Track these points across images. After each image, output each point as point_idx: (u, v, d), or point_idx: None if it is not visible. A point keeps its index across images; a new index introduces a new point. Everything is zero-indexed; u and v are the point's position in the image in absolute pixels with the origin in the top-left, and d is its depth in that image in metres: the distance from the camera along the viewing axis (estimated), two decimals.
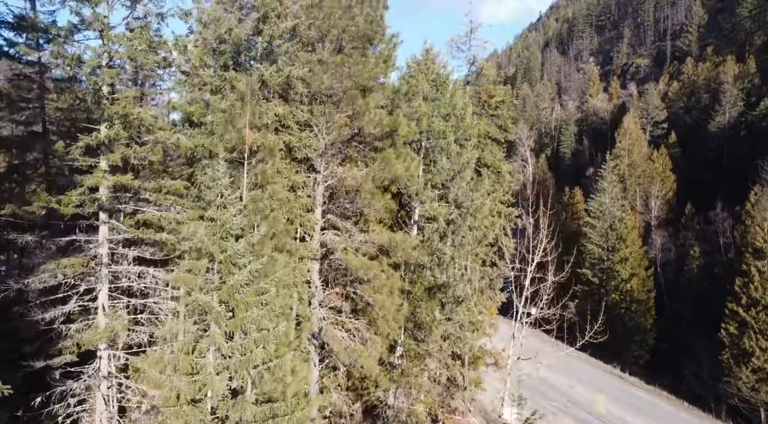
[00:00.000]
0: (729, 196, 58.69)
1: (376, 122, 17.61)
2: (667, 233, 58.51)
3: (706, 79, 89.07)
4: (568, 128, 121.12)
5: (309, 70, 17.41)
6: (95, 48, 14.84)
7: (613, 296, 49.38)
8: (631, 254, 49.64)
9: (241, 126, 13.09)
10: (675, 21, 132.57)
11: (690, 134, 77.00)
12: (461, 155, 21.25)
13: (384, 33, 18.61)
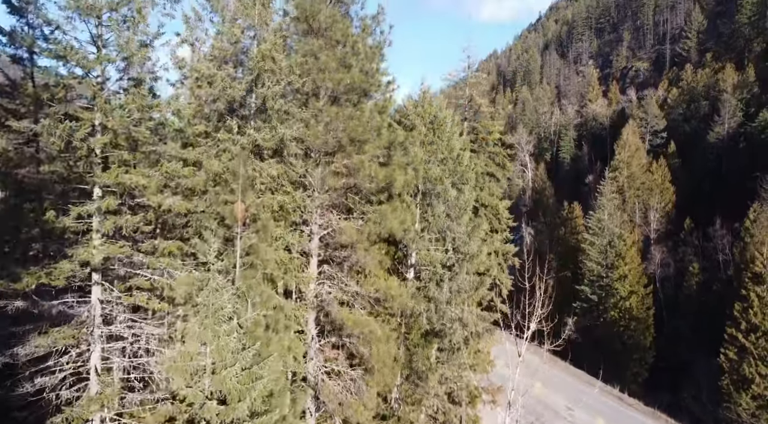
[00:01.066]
0: (728, 210, 58.55)
1: (372, 178, 17.49)
2: (666, 247, 58.43)
3: (705, 85, 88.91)
4: (567, 133, 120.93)
5: (304, 124, 17.30)
6: (87, 116, 14.71)
7: (612, 314, 49.37)
8: (630, 271, 49.56)
9: (233, 201, 12.97)
10: (674, 25, 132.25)
11: (689, 144, 76.82)
12: (458, 200, 21.12)
13: (380, 84, 18.45)
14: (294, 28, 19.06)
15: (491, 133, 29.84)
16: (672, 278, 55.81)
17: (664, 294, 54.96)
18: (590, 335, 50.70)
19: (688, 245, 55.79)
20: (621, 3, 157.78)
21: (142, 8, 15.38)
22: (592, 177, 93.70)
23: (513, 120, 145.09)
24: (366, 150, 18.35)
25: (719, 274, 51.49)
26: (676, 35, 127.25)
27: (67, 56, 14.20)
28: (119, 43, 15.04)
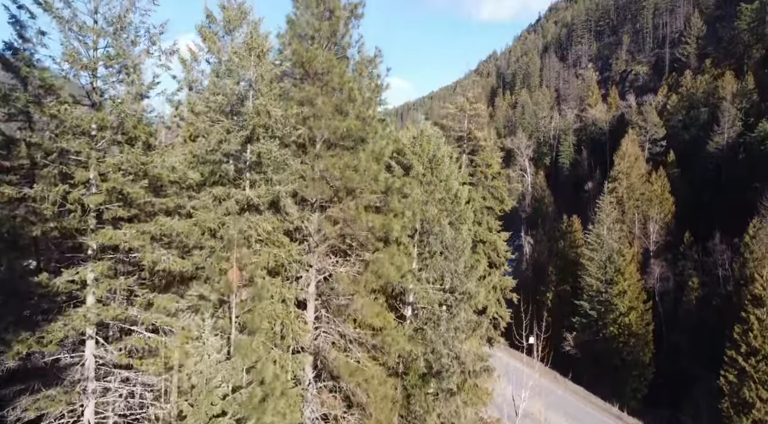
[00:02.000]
0: (727, 222, 58.40)
1: (369, 227, 17.36)
2: (666, 261, 58.32)
3: (704, 92, 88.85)
4: (567, 138, 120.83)
5: (300, 175, 17.18)
6: (81, 175, 14.59)
7: (611, 329, 49.25)
8: (629, 287, 49.44)
9: (228, 269, 12.86)
10: (674, 28, 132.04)
11: (688, 153, 76.73)
12: (456, 240, 21.00)
13: (377, 131, 18.31)
14: (291, 71, 18.95)
15: (490, 166, 29.68)
16: (671, 292, 55.71)
17: (664, 309, 54.88)
18: (590, 350, 50.64)
19: (687, 259, 55.66)
20: (620, 5, 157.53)
21: (138, 64, 15.28)
22: (591, 184, 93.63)
23: (512, 123, 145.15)
24: (362, 198, 18.25)
25: (719, 289, 51.38)
26: (676, 39, 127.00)
27: (60, 116, 14.08)
28: (113, 99, 14.94)
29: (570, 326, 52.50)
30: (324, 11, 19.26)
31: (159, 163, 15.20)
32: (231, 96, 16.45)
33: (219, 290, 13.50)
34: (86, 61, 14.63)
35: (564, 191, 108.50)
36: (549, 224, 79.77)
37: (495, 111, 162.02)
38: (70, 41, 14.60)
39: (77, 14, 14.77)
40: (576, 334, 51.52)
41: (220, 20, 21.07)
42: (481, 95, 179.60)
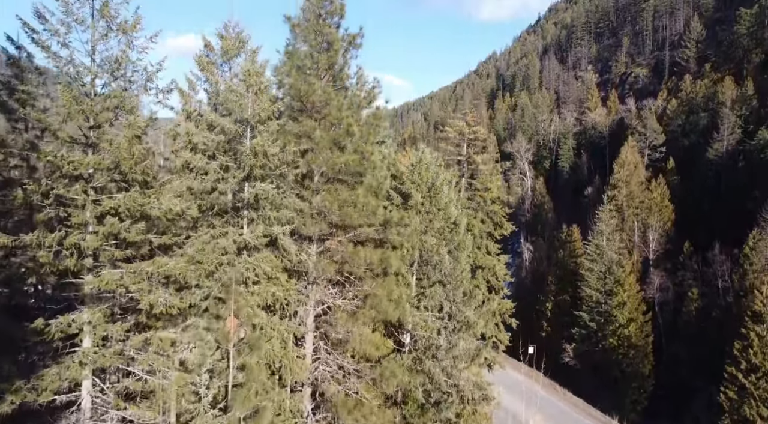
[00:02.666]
0: (727, 231, 58.40)
1: (367, 264, 17.30)
2: (665, 271, 58.24)
3: (704, 97, 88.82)
4: (566, 141, 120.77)
5: (298, 212, 17.11)
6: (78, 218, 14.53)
7: (611, 341, 49.18)
8: (629, 298, 49.37)
9: (225, 316, 12.79)
10: (673, 31, 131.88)
11: (688, 159, 76.69)
12: (455, 269, 20.94)
13: (375, 166, 18.23)
14: (289, 103, 18.85)
15: (489, 190, 29.59)
16: (671, 302, 55.66)
17: (663, 319, 54.85)
18: (589, 361, 50.60)
19: (687, 269, 55.59)
20: (620, 7, 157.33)
21: (134, 106, 15.21)
22: (591, 189, 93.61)
23: (512, 126, 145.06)
24: (360, 233, 18.20)
25: (718, 300, 51.30)
26: (675, 42, 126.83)
27: (56, 162, 14.01)
28: (110, 141, 14.86)
29: (569, 337, 52.47)
30: (322, 43, 19.19)
31: (157, 205, 15.13)
32: (228, 134, 16.36)
33: (216, 339, 13.42)
34: (83, 102, 14.55)
35: (563, 196, 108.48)
36: (548, 230, 79.77)
37: (495, 113, 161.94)
38: (67, 83, 14.53)
39: (74, 56, 14.71)
40: (575, 345, 51.48)
41: (217, 49, 21.03)
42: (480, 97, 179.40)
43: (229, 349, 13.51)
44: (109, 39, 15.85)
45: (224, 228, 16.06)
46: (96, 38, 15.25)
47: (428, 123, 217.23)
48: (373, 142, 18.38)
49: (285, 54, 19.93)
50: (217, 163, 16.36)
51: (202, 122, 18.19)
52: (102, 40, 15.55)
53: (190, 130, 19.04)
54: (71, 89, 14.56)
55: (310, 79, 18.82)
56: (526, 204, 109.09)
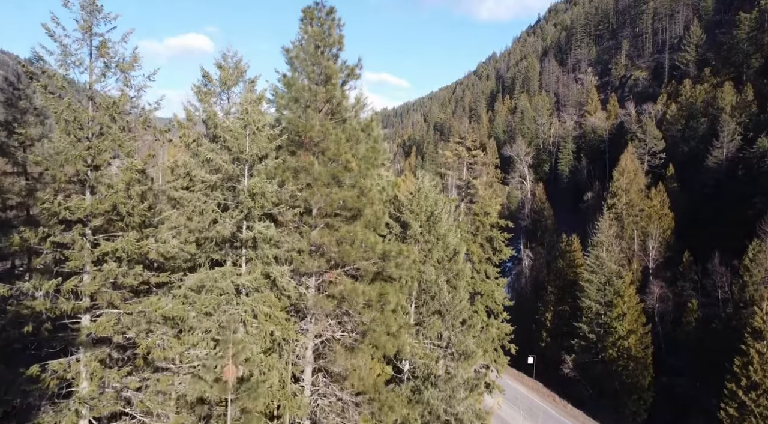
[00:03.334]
0: (727, 239, 58.43)
1: (366, 301, 17.26)
2: (665, 280, 58.17)
3: (704, 101, 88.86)
4: (566, 145, 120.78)
5: (297, 251, 17.06)
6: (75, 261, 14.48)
7: (611, 352, 49.14)
8: (629, 310, 49.31)
9: (223, 364, 12.75)
10: (673, 34, 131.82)
11: (688, 166, 76.69)
12: (454, 299, 20.89)
13: (373, 201, 18.17)
14: (287, 136, 18.78)
15: (488, 215, 29.53)
16: (671, 313, 55.63)
17: (663, 330, 54.83)
18: (589, 372, 50.58)
19: (686, 279, 55.57)
20: (620, 9, 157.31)
21: (132, 150, 15.15)
22: (591, 194, 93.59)
23: (512, 129, 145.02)
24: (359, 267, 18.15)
25: (718, 311, 51.27)
26: (675, 45, 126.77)
27: (53, 209, 13.95)
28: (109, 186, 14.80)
29: (569, 348, 52.42)
30: (320, 75, 19.13)
31: (155, 247, 15.09)
32: (226, 173, 16.31)
33: (213, 389, 13.38)
34: (81, 145, 14.50)
35: (563, 200, 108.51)
36: (548, 236, 79.71)
37: (494, 115, 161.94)
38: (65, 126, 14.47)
39: (73, 99, 14.65)
40: (575, 356, 51.44)
41: (216, 79, 20.98)
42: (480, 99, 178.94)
43: (227, 396, 13.47)
44: (107, 78, 15.83)
45: (222, 267, 16.00)
46: (94, 80, 15.19)
47: (428, 124, 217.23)
48: (371, 176, 18.32)
49: (284, 84, 19.88)
50: (215, 202, 16.31)
51: (200, 154, 18.11)
52: (100, 80, 15.50)
53: (189, 163, 19.00)
54: (69, 132, 14.51)
55: (308, 113, 18.77)
56: (525, 208, 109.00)
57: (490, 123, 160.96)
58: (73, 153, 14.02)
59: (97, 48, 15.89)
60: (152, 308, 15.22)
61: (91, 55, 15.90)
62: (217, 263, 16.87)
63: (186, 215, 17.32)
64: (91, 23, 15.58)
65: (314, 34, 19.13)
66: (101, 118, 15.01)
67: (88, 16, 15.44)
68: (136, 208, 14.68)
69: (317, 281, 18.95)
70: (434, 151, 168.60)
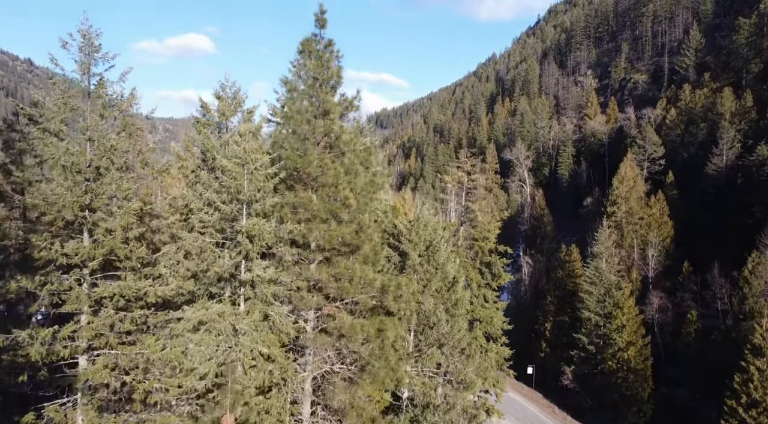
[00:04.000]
0: (727, 248, 58.47)
1: (365, 338, 17.24)
2: (665, 291, 58.16)
3: (703, 107, 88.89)
4: (566, 149, 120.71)
5: (296, 288, 17.05)
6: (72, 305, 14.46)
7: (610, 364, 49.13)
8: (628, 322, 49.30)
9: (221, 413, 12.73)
10: (673, 37, 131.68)
11: (687, 172, 76.66)
12: (453, 328, 20.88)
13: (372, 238, 18.14)
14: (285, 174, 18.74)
15: (487, 240, 29.50)
16: (670, 323, 55.63)
17: (663, 341, 54.84)
18: (589, 384, 50.56)
19: (686, 290, 55.57)
20: (619, 12, 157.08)
21: (129, 194, 15.11)
22: (590, 200, 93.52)
23: (511, 131, 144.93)
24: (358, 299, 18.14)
25: (718, 322, 51.28)
26: (675, 48, 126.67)
27: (49, 255, 13.93)
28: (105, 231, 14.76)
29: (568, 359, 52.39)
30: (318, 108, 19.10)
31: (153, 290, 15.05)
32: (224, 213, 16.29)
33: None
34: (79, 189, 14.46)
35: (563, 205, 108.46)
36: (548, 243, 79.72)
37: (494, 118, 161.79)
38: (62, 173, 14.44)
39: (70, 148, 14.60)
40: (574, 367, 51.42)
41: (214, 110, 20.96)
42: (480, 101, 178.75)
43: None
44: (105, 120, 15.79)
45: (220, 306, 15.97)
46: (92, 123, 15.14)
47: (428, 126, 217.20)
48: (370, 210, 18.30)
49: (282, 117, 19.85)
50: (213, 241, 16.29)
51: (198, 191, 18.07)
52: (98, 121, 15.44)
53: (187, 196, 18.97)
54: (67, 177, 14.47)
55: (307, 146, 18.75)
56: (525, 212, 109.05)
57: (489, 125, 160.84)
58: (71, 200, 13.98)
59: (95, 88, 15.89)
60: (150, 350, 15.19)
61: (89, 95, 15.88)
62: (215, 296, 16.84)
63: (184, 249, 17.30)
64: (89, 64, 15.56)
65: (313, 67, 19.09)
66: (99, 161, 14.98)
67: (86, 58, 15.41)
68: (134, 252, 14.63)
69: (316, 314, 18.94)
70: (434, 154, 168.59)
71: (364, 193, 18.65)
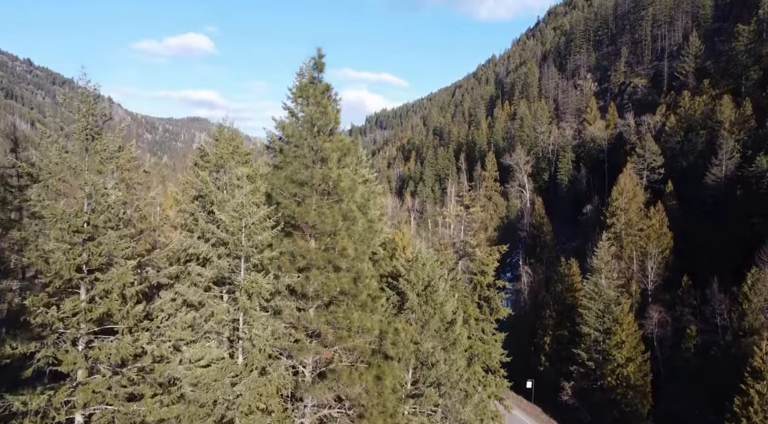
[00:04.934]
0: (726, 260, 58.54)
1: (364, 387, 17.27)
2: (664, 304, 58.17)
3: (702, 114, 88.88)
4: (565, 155, 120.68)
5: (294, 340, 17.07)
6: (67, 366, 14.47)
7: (609, 380, 49.15)
8: (628, 338, 49.32)
9: None
10: (672, 41, 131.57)
11: (687, 181, 76.68)
12: (451, 368, 20.90)
13: (371, 286, 18.15)
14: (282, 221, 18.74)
15: (485, 274, 29.54)
16: (670, 338, 55.64)
17: (663, 355, 54.87)
18: (588, 399, 50.62)
19: (685, 304, 55.58)
20: (619, 15, 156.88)
21: (126, 254, 15.11)
22: (590, 208, 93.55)
23: (511, 135, 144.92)
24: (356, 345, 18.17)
25: (717, 338, 51.30)
26: (674, 52, 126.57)
27: (46, 320, 13.93)
28: (102, 293, 14.76)
29: (568, 374, 52.43)
30: (317, 155, 19.10)
31: (150, 349, 15.07)
32: (222, 269, 16.30)
33: None
34: (76, 251, 14.46)
35: (562, 211, 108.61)
36: (547, 253, 79.77)
37: (494, 122, 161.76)
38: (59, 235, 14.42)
39: (67, 209, 14.59)
40: (573, 383, 51.47)
41: (212, 154, 20.96)
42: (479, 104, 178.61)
43: None
44: (103, 176, 15.78)
45: (218, 363, 15.99)
46: (90, 181, 15.12)
47: (427, 128, 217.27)
48: (368, 260, 18.32)
49: (281, 161, 19.87)
50: (211, 295, 16.30)
51: (196, 241, 18.07)
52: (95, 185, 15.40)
53: (185, 242, 18.96)
54: (64, 238, 14.45)
55: (304, 191, 18.76)
56: (524, 218, 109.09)
57: (489, 129, 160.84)
58: (67, 263, 13.98)
59: (92, 143, 15.88)
60: (147, 407, 15.20)
61: (87, 150, 15.88)
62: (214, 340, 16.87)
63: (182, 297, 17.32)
64: (86, 123, 15.53)
65: (311, 113, 19.08)
66: (96, 219, 14.97)
67: (84, 118, 15.38)
68: (131, 312, 14.64)
69: (314, 358, 18.94)
70: (434, 157, 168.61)
71: (363, 240, 18.65)
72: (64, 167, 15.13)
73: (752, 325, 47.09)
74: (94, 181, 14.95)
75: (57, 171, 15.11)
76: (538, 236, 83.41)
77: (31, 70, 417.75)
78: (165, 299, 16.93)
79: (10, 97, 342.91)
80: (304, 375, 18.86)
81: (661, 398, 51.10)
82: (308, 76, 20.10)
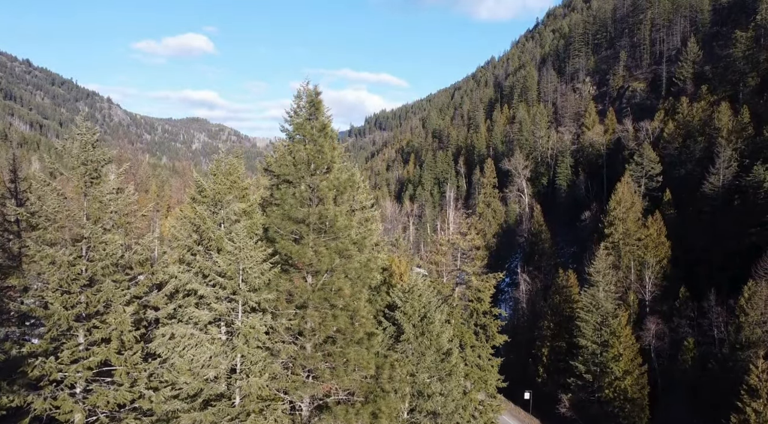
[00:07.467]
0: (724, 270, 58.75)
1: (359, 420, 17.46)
2: (661, 315, 58.35)
3: (701, 120, 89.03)
4: (564, 160, 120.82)
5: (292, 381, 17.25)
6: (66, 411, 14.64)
7: (607, 393, 49.41)
8: (625, 350, 49.57)
9: None
10: (671, 45, 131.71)
11: (685, 189, 76.86)
12: (446, 398, 21.09)
13: (366, 324, 18.32)
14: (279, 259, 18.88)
15: (481, 301, 29.72)
16: (667, 349, 55.84)
17: (660, 367, 55.07)
18: (586, 412, 50.84)
19: (683, 316, 55.77)
20: (618, 18, 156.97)
21: (124, 300, 15.28)
22: (588, 214, 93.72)
23: (510, 139, 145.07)
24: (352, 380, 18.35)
25: (714, 350, 51.47)
26: (673, 56, 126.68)
27: (46, 370, 14.10)
28: (100, 340, 14.94)
29: (565, 386, 52.64)
30: (314, 194, 19.26)
31: (148, 394, 15.24)
32: (219, 312, 16.47)
33: None
34: (74, 301, 14.64)
35: (561, 215, 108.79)
36: (546, 261, 79.98)
37: (493, 125, 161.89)
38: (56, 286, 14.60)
39: (66, 259, 14.75)
40: (571, 395, 51.69)
41: (210, 190, 21.08)
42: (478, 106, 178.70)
43: None
44: (101, 222, 15.94)
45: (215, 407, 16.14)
46: (87, 230, 15.29)
47: (426, 131, 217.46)
48: (364, 298, 18.50)
49: (280, 198, 19.99)
50: (209, 337, 16.47)
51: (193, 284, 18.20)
52: (93, 232, 15.57)
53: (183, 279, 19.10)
54: (62, 288, 14.63)
55: (301, 230, 18.92)
56: (523, 223, 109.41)
57: (488, 133, 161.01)
58: (65, 314, 14.15)
59: (91, 189, 16.03)
60: None
61: (86, 195, 16.03)
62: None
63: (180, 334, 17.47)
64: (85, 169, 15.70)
65: (308, 152, 19.24)
66: (94, 269, 15.14)
67: (83, 166, 15.54)
68: (129, 360, 14.80)
69: (311, 395, 19.11)
70: (433, 161, 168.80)
71: (359, 277, 18.83)
72: (63, 214, 15.27)
73: (749, 338, 47.26)
74: (92, 229, 15.10)
75: (55, 218, 15.25)
76: (536, 244, 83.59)
77: (30, 71, 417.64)
78: (163, 340, 17.10)
79: (9, 98, 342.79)
80: (300, 409, 19.05)
81: (659, 410, 51.37)
82: (306, 110, 20.24)
